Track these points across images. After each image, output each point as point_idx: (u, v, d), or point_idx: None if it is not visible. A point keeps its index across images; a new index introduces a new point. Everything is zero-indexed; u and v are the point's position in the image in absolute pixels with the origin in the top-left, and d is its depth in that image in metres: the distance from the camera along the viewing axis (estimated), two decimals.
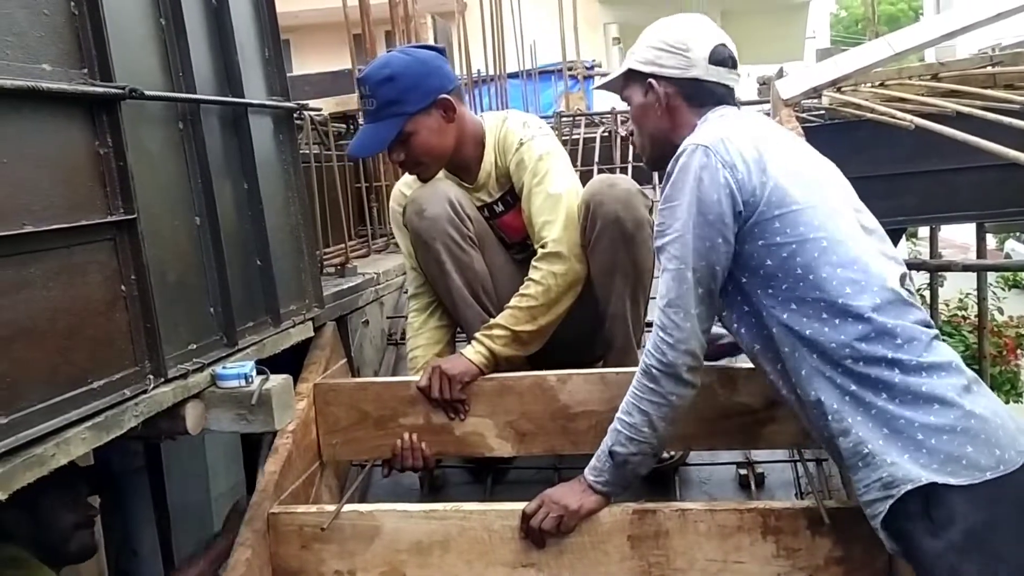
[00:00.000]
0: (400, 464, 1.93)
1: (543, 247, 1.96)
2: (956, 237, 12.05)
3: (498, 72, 4.52)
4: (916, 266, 3.74)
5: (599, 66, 7.05)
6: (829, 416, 1.38)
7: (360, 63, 3.28)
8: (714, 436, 1.85)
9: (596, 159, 3.81)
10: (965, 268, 3.72)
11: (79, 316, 1.31)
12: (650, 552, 1.62)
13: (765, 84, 4.54)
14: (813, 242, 1.40)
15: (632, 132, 1.72)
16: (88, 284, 1.34)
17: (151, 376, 1.45)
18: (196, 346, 1.59)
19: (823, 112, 3.72)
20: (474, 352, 1.92)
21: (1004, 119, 2.12)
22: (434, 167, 2.04)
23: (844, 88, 3.24)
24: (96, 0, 1.36)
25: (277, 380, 1.62)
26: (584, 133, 4.06)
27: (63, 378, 1.27)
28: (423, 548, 1.68)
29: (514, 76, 5.14)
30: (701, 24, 1.62)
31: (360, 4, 3.37)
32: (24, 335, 1.20)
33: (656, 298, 1.54)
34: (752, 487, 1.99)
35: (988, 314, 5.76)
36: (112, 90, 1.37)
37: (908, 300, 1.40)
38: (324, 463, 2.02)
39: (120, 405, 1.37)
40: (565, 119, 4.27)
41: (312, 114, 2.79)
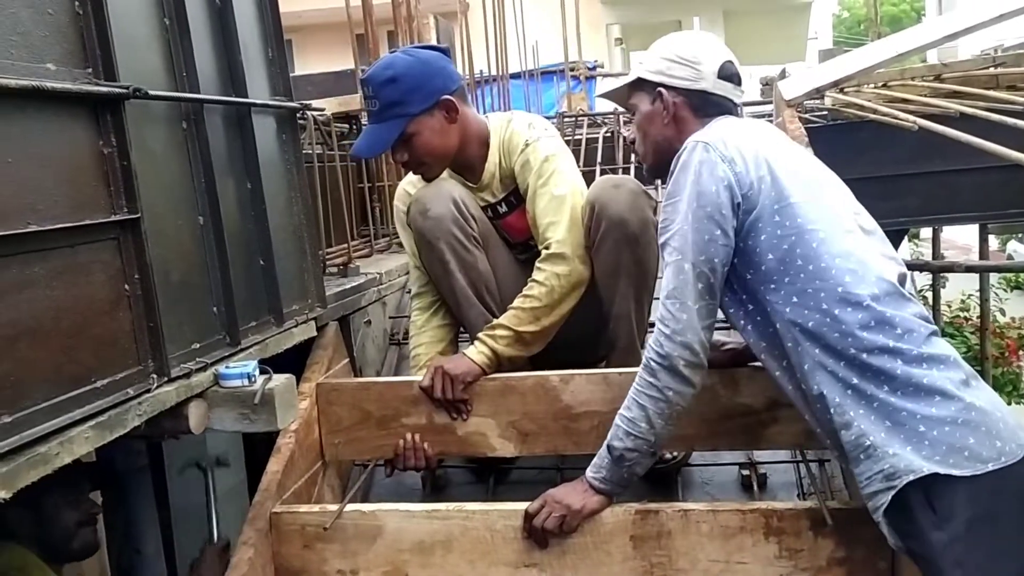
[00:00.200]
0: (402, 464, 1.93)
1: (547, 248, 1.96)
2: (958, 238, 12.03)
3: (500, 72, 4.53)
4: (919, 267, 3.73)
5: (601, 67, 7.07)
6: (831, 410, 1.39)
7: (363, 63, 3.30)
8: (716, 437, 1.85)
9: (599, 159, 3.82)
10: (967, 269, 3.71)
11: (83, 315, 1.31)
12: (652, 552, 1.62)
13: (768, 85, 4.55)
14: (811, 233, 1.43)
15: (634, 140, 1.74)
16: (92, 283, 1.34)
17: (154, 375, 1.45)
18: (199, 345, 1.59)
19: (826, 113, 3.72)
20: (477, 352, 1.92)
21: (1007, 120, 2.12)
22: (437, 167, 2.04)
23: (847, 89, 3.24)
24: (100, 0, 1.36)
25: (280, 380, 1.62)
26: (587, 133, 4.06)
27: (67, 377, 1.27)
28: (425, 548, 1.68)
29: (516, 76, 5.15)
30: (712, 41, 1.69)
31: (363, 4, 3.37)
32: (28, 334, 1.20)
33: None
34: (754, 488, 1.99)
35: (990, 315, 5.76)
36: (116, 90, 1.37)
37: (906, 295, 1.42)
38: (326, 463, 2.02)
39: (124, 404, 1.37)
40: (567, 119, 4.27)
41: (315, 114, 2.79)
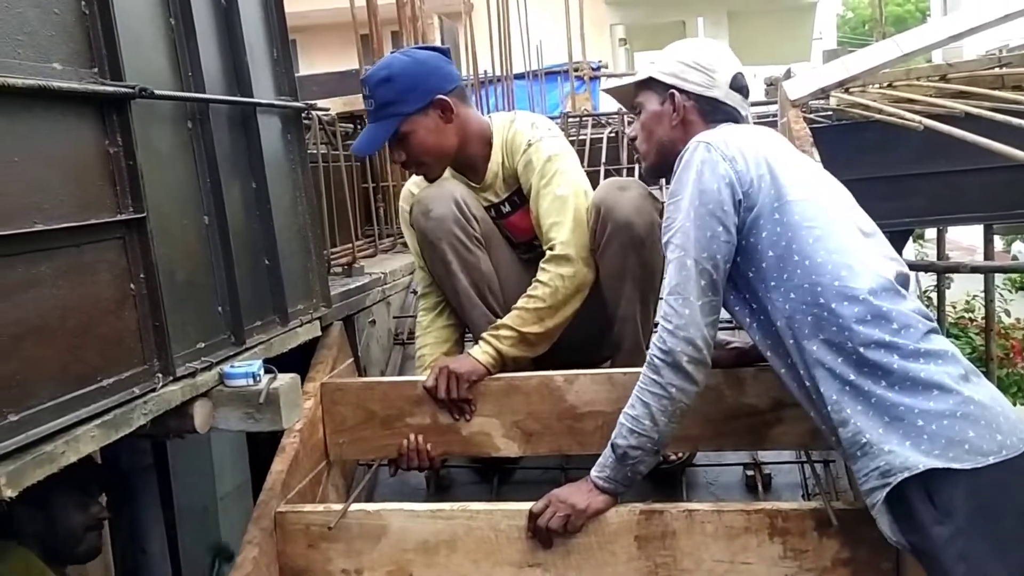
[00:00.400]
0: (406, 464, 1.93)
1: (551, 249, 1.96)
2: (963, 239, 12.01)
3: (504, 73, 4.52)
4: (923, 267, 3.72)
5: (605, 67, 7.06)
6: (829, 407, 1.40)
7: (367, 63, 3.29)
8: (721, 437, 1.85)
9: (603, 159, 3.81)
10: (972, 270, 3.70)
11: (88, 314, 1.32)
12: (657, 552, 1.62)
13: (772, 85, 4.54)
14: (808, 230, 1.45)
15: (635, 137, 1.74)
16: (97, 282, 1.35)
17: (160, 374, 1.46)
18: (204, 345, 1.60)
19: (831, 113, 3.71)
20: (481, 352, 1.92)
21: (1013, 120, 2.11)
22: (436, 167, 2.04)
23: (852, 89, 3.23)
24: (106, 0, 1.37)
25: (285, 379, 1.62)
26: (591, 134, 4.06)
27: (72, 376, 1.27)
28: (430, 547, 1.68)
29: (520, 77, 5.14)
30: (726, 52, 1.71)
31: (367, 5, 3.37)
32: (34, 333, 1.21)
33: None
34: (759, 488, 1.99)
35: (995, 316, 5.74)
36: (122, 89, 1.38)
37: (904, 292, 1.42)
38: (331, 462, 2.02)
39: (129, 403, 1.37)
40: (572, 120, 4.27)
41: (320, 114, 2.80)
